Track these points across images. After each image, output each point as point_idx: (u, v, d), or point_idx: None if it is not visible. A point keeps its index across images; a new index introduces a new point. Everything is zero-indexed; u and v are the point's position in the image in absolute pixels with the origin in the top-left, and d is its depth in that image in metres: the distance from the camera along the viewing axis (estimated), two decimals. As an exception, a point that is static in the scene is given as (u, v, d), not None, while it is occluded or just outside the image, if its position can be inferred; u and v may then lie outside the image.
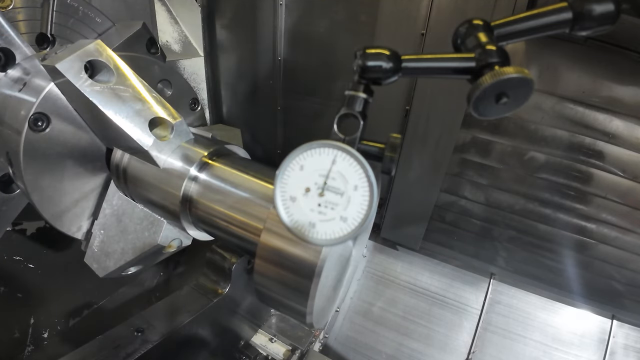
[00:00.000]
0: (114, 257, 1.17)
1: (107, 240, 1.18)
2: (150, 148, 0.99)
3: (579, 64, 1.38)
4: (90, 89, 0.94)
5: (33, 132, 1.02)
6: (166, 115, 1.02)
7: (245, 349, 1.78)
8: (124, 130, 0.96)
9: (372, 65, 0.58)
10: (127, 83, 1.01)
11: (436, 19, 1.37)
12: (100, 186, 1.24)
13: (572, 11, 0.54)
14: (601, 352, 1.69)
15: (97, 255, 1.19)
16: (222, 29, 1.88)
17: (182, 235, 1.21)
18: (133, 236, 1.15)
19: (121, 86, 0.99)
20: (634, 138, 1.40)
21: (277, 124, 1.95)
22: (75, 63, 0.94)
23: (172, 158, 1.05)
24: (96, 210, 1.22)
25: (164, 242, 1.14)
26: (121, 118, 0.96)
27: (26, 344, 1.63)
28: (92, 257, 1.21)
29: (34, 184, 1.06)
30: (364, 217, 0.54)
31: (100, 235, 1.18)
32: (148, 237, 1.12)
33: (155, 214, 1.15)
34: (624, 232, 1.54)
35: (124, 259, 1.15)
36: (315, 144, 0.55)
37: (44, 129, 1.04)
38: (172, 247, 1.19)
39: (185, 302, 1.45)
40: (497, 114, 0.53)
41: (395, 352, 1.87)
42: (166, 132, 1.05)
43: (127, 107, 0.98)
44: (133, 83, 1.02)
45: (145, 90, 1.03)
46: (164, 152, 1.03)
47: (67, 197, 1.16)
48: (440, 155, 1.63)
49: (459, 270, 1.94)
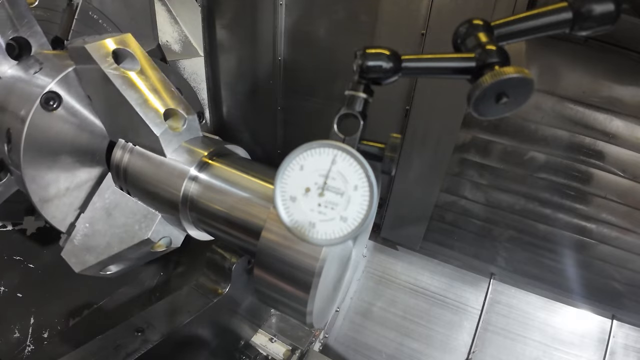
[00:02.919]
0: (96, 251, 1.16)
1: (92, 234, 1.17)
2: (161, 135, 1.03)
3: (579, 64, 1.38)
4: (114, 73, 1.00)
5: (43, 109, 1.06)
6: (181, 109, 1.08)
7: (245, 349, 1.78)
8: (140, 115, 1.00)
9: (372, 65, 0.58)
10: (148, 73, 1.08)
11: (436, 19, 1.37)
12: (94, 179, 1.24)
13: (572, 11, 0.54)
14: (601, 352, 1.69)
15: (76, 250, 1.19)
16: (222, 29, 1.88)
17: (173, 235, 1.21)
18: (122, 230, 1.15)
19: (143, 75, 1.06)
20: (634, 138, 1.40)
21: (277, 124, 1.95)
22: (104, 47, 1.01)
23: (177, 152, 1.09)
24: (85, 203, 1.22)
25: (155, 237, 1.14)
26: (138, 104, 1.01)
27: (26, 344, 1.63)
28: (71, 251, 1.20)
29: (29, 163, 1.08)
30: (364, 217, 0.54)
31: (85, 228, 1.18)
32: (138, 231, 1.13)
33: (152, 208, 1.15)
34: (624, 232, 1.54)
35: (107, 253, 1.15)
36: (315, 144, 0.55)
37: (54, 109, 1.08)
38: (160, 246, 1.19)
39: (185, 302, 1.45)
40: (497, 114, 0.53)
41: (395, 352, 1.87)
42: (178, 124, 1.10)
43: (146, 94, 1.03)
44: (154, 75, 1.09)
45: (164, 83, 1.10)
46: (172, 143, 1.07)
47: (60, 184, 1.16)
48: (440, 155, 1.63)
49: (459, 270, 1.94)
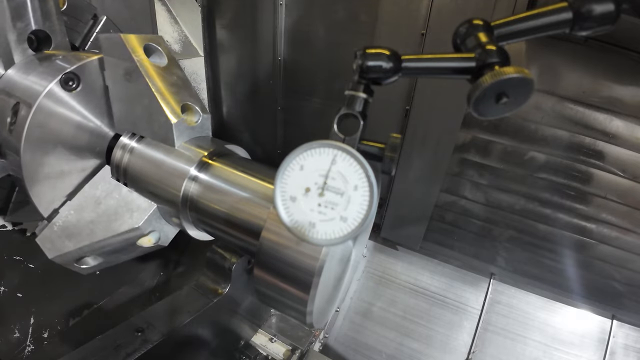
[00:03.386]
0: (76, 238, 1.16)
1: (76, 222, 1.17)
2: (176, 125, 1.10)
3: (579, 64, 1.38)
4: (144, 63, 1.10)
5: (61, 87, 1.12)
6: (198, 107, 1.18)
7: (245, 349, 1.78)
8: (160, 103, 1.08)
9: (372, 65, 0.58)
10: (173, 70, 1.19)
11: (436, 19, 1.37)
12: (90, 169, 1.25)
13: (572, 11, 0.54)
14: (601, 352, 1.69)
15: (55, 236, 1.18)
16: (222, 29, 1.88)
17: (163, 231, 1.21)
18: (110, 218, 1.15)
19: (168, 71, 1.17)
20: (634, 138, 1.39)
21: (277, 124, 1.95)
22: (137, 40, 1.12)
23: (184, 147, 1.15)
24: (74, 192, 1.23)
25: (145, 227, 1.14)
26: (160, 93, 1.09)
27: (26, 344, 1.63)
28: (48, 237, 1.19)
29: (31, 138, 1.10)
30: (364, 217, 0.54)
31: (69, 215, 1.18)
32: (129, 219, 1.14)
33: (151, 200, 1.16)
34: (624, 232, 1.54)
35: (88, 240, 1.15)
36: (315, 144, 0.55)
37: (73, 89, 1.15)
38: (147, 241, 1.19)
39: (185, 302, 1.45)
40: (497, 114, 0.53)
41: (395, 352, 1.87)
42: (192, 119, 1.18)
43: (168, 86, 1.13)
44: (178, 73, 1.20)
45: (185, 82, 1.20)
46: (183, 135, 1.14)
47: (55, 166, 1.17)
48: (440, 155, 1.63)
49: (459, 270, 1.94)
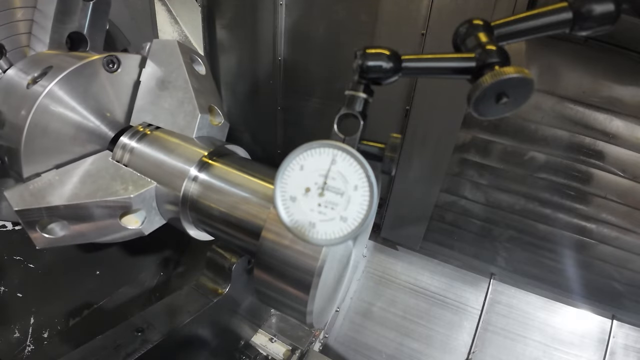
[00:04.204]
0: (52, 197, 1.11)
1: (57, 184, 1.14)
2: (201, 118, 1.27)
3: (579, 64, 1.38)
4: (189, 67, 1.34)
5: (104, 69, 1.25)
6: (222, 113, 1.41)
7: (245, 349, 1.78)
8: (193, 97, 1.28)
9: (372, 65, 0.58)
10: (208, 80, 1.45)
11: (436, 19, 1.37)
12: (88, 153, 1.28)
13: (572, 11, 0.54)
14: (601, 352, 1.69)
15: (27, 192, 1.12)
16: (222, 29, 1.88)
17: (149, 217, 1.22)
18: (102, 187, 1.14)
19: (204, 78, 1.41)
20: (634, 138, 1.39)
21: (277, 124, 1.95)
22: (187, 47, 1.41)
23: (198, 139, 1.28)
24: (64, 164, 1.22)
25: (136, 202, 1.14)
26: (196, 90, 1.30)
27: (26, 344, 1.63)
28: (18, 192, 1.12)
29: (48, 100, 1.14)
30: (364, 217, 0.54)
31: (52, 178, 1.15)
32: (121, 191, 1.14)
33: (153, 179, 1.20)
34: (624, 232, 1.54)
35: (67, 201, 1.10)
36: (315, 144, 0.55)
37: (114, 70, 1.29)
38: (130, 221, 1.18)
39: (185, 302, 1.45)
40: (497, 114, 0.53)
41: (395, 352, 1.87)
42: (214, 120, 1.38)
43: (203, 88, 1.36)
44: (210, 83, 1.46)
45: (215, 92, 1.48)
46: (201, 130, 1.29)
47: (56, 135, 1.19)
48: (440, 155, 1.63)
49: (459, 270, 1.94)
